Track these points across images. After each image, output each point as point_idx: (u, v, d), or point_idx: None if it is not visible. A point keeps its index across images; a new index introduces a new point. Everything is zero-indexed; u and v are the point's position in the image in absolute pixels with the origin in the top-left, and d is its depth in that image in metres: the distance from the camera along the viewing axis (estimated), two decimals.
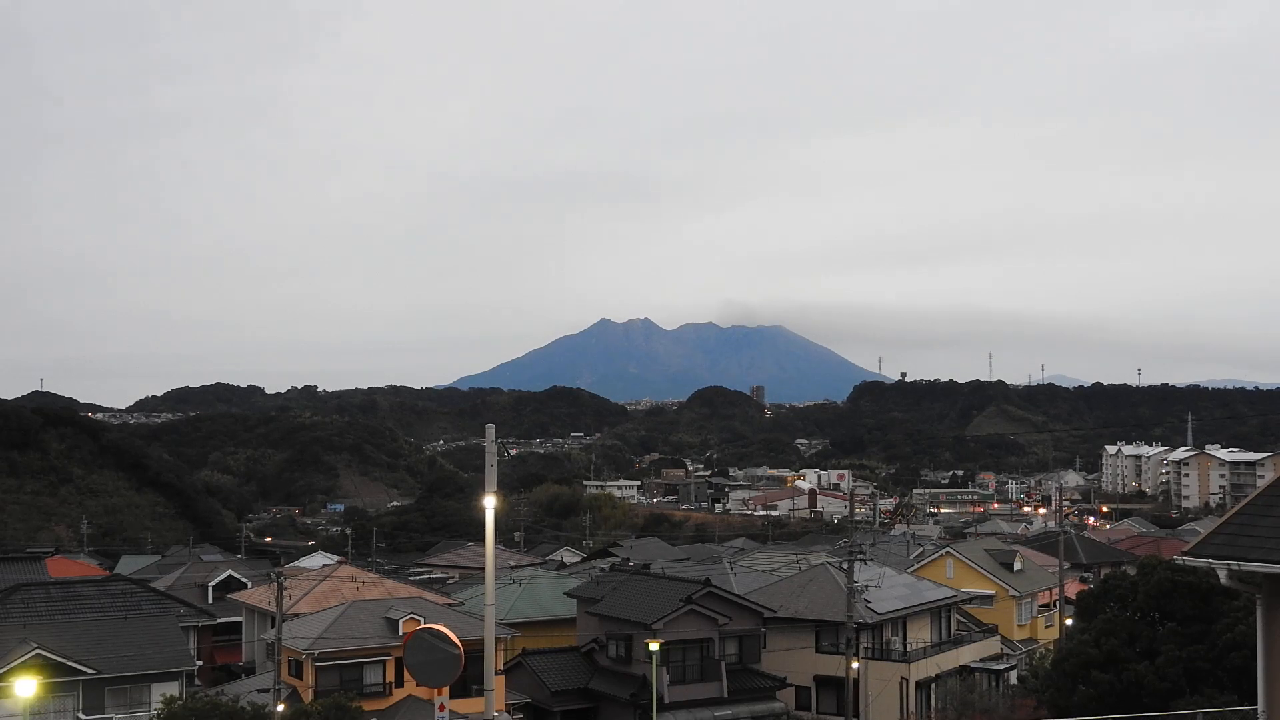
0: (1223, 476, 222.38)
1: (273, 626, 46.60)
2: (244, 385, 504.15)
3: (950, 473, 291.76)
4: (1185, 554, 16.92)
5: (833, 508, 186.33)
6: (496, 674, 35.88)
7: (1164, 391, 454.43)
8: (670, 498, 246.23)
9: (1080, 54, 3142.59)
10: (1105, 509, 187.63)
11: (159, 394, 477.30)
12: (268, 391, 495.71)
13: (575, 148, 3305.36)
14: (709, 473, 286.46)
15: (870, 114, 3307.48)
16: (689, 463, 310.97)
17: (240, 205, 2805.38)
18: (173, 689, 44.15)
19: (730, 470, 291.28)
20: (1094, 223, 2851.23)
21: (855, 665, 51.07)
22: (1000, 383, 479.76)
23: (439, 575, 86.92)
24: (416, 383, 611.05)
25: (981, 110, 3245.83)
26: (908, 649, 55.93)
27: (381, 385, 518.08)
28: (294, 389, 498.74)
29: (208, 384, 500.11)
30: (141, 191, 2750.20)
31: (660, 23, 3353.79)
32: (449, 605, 53.19)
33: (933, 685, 55.58)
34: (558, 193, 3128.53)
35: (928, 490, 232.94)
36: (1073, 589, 66.05)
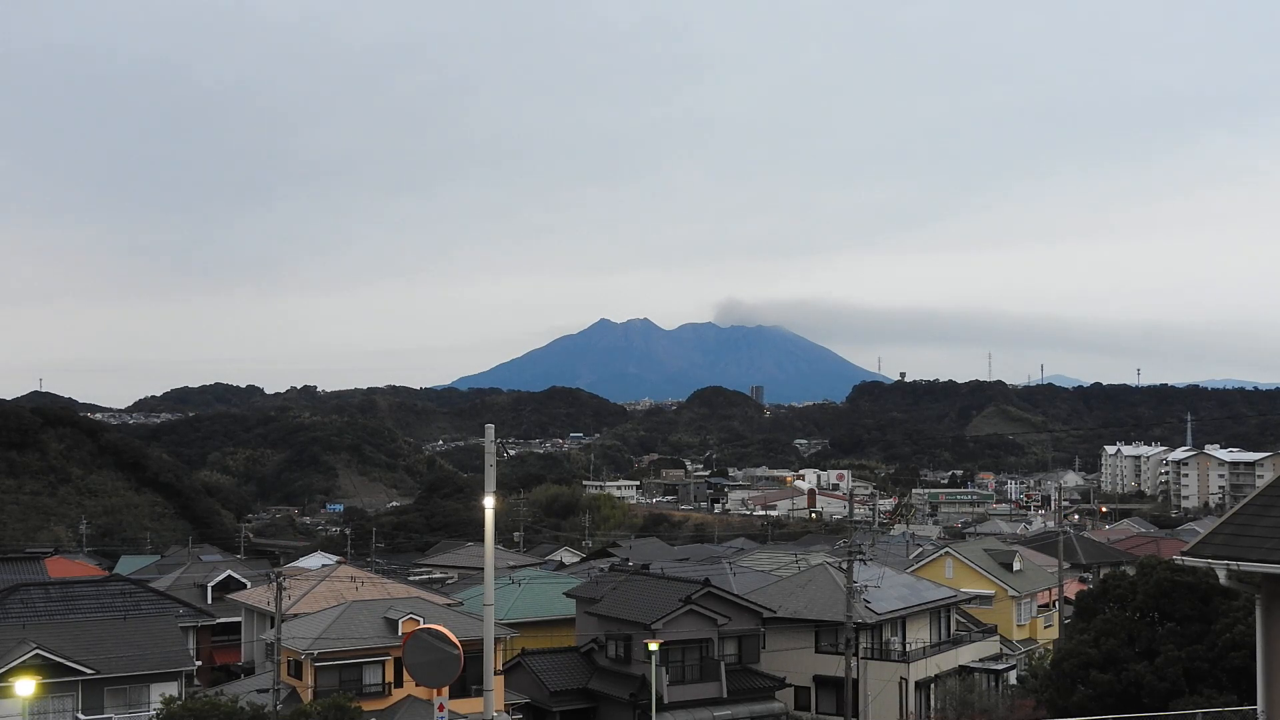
0: (1222, 476, 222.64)
1: (272, 627, 46.59)
2: (243, 385, 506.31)
3: (950, 473, 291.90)
4: (1185, 554, 16.89)
5: (832, 508, 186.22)
6: (496, 674, 35.84)
7: (1163, 391, 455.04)
8: (669, 498, 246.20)
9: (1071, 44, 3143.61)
10: (1104, 509, 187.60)
11: (158, 394, 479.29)
12: (267, 392, 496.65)
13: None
14: (708, 473, 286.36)
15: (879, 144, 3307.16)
16: (688, 463, 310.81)
17: (239, 206, 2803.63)
18: (172, 689, 44.16)
19: (729, 470, 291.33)
20: (1094, 223, 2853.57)
21: (855, 665, 51.06)
22: (1000, 383, 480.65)
23: (438, 575, 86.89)
24: (415, 383, 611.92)
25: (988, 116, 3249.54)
26: (907, 649, 55.94)
27: (381, 385, 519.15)
28: (293, 389, 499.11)
29: (207, 384, 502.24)
30: (137, 188, 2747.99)
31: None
32: (448, 605, 53.18)
33: (932, 685, 55.58)
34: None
35: (927, 490, 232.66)
36: (1072, 589, 66.11)
